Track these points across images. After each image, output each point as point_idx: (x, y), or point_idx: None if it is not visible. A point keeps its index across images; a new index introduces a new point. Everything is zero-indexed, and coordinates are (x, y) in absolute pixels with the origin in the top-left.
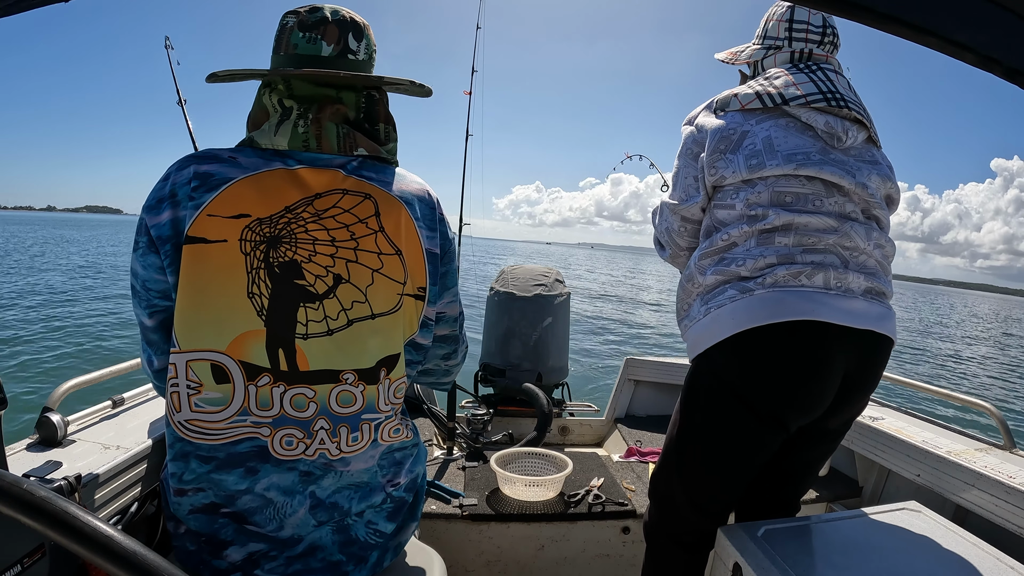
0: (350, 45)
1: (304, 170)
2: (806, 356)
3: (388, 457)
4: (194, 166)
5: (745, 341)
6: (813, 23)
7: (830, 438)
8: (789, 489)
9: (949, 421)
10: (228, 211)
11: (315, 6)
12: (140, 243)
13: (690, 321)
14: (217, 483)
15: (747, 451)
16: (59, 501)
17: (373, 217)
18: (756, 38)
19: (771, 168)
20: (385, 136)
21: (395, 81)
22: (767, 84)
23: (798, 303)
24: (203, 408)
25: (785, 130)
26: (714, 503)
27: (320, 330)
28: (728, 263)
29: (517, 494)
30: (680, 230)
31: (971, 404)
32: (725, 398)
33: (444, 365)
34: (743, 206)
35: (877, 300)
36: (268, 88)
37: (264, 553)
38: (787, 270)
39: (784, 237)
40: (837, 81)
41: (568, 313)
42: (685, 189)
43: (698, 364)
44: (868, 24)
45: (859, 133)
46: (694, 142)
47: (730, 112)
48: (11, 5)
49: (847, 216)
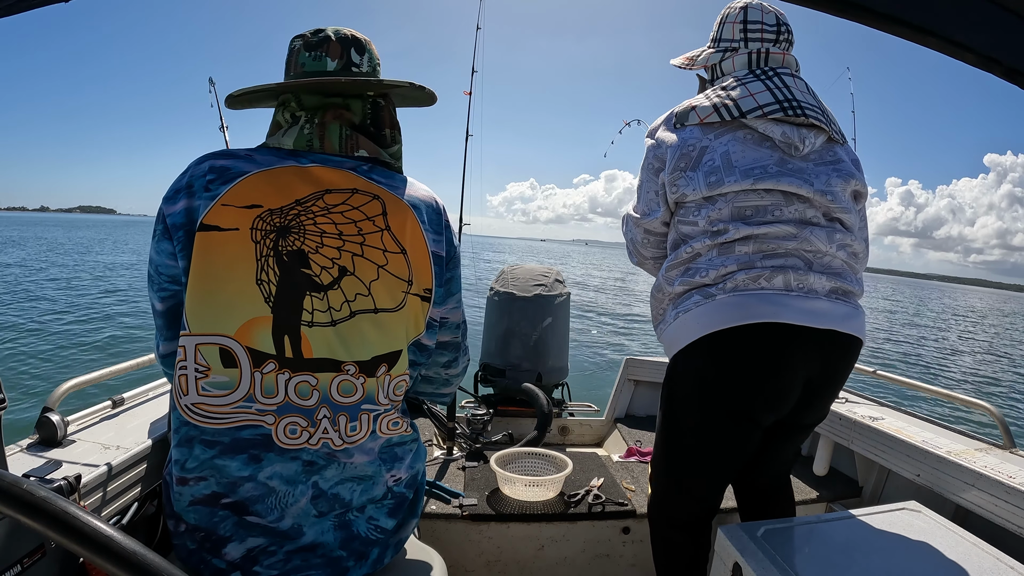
0: (353, 59)
1: (316, 167)
2: (767, 356)
3: (388, 451)
4: (211, 162)
5: (710, 343)
6: (767, 22)
7: (805, 430)
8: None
9: (949, 421)
10: (241, 201)
11: (319, 29)
12: (157, 231)
13: (664, 326)
14: (220, 469)
15: (722, 443)
16: (59, 501)
17: (380, 216)
18: (711, 41)
19: (730, 184)
20: (391, 140)
21: (395, 83)
22: (724, 95)
23: (758, 306)
24: (210, 392)
25: (743, 143)
26: (700, 489)
27: (324, 320)
28: (693, 273)
29: (517, 494)
30: (644, 241)
31: (971, 404)
32: (695, 396)
33: (445, 374)
34: (705, 222)
35: (843, 300)
36: (282, 107)
37: (263, 548)
38: (746, 275)
39: (744, 246)
40: (795, 86)
41: (568, 313)
42: (647, 203)
43: (672, 365)
44: (868, 24)
45: (817, 138)
46: (655, 157)
47: (689, 127)
48: (11, 5)
49: (807, 222)
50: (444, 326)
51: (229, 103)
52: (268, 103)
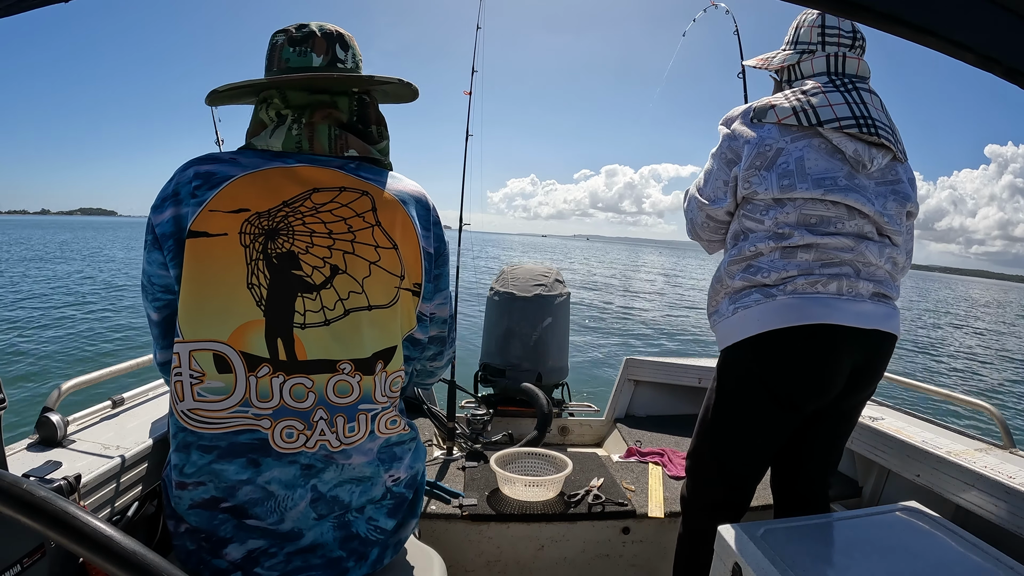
0: (338, 55)
1: (303, 167)
2: (820, 354)
3: (387, 451)
4: (195, 167)
5: (768, 339)
6: (844, 28)
7: (845, 418)
8: (814, 464)
9: (949, 421)
10: (228, 206)
11: (302, 24)
12: (147, 241)
13: (719, 317)
14: (218, 474)
15: (767, 428)
16: (59, 501)
17: (370, 212)
18: (786, 44)
19: (801, 191)
20: (378, 136)
21: (385, 80)
22: (804, 100)
23: (814, 308)
24: (205, 397)
25: (816, 151)
26: (740, 474)
27: (317, 320)
28: (754, 272)
29: (517, 494)
30: (704, 224)
31: (971, 404)
32: (750, 384)
33: (429, 366)
34: (771, 223)
35: (883, 302)
36: (264, 104)
37: (264, 550)
38: (805, 280)
39: (806, 254)
40: (871, 103)
41: (568, 313)
42: (715, 190)
43: (727, 355)
44: (868, 24)
45: (884, 157)
46: (729, 148)
47: (767, 124)
48: (11, 5)
49: (864, 236)
50: (433, 321)
51: (211, 99)
52: (250, 100)
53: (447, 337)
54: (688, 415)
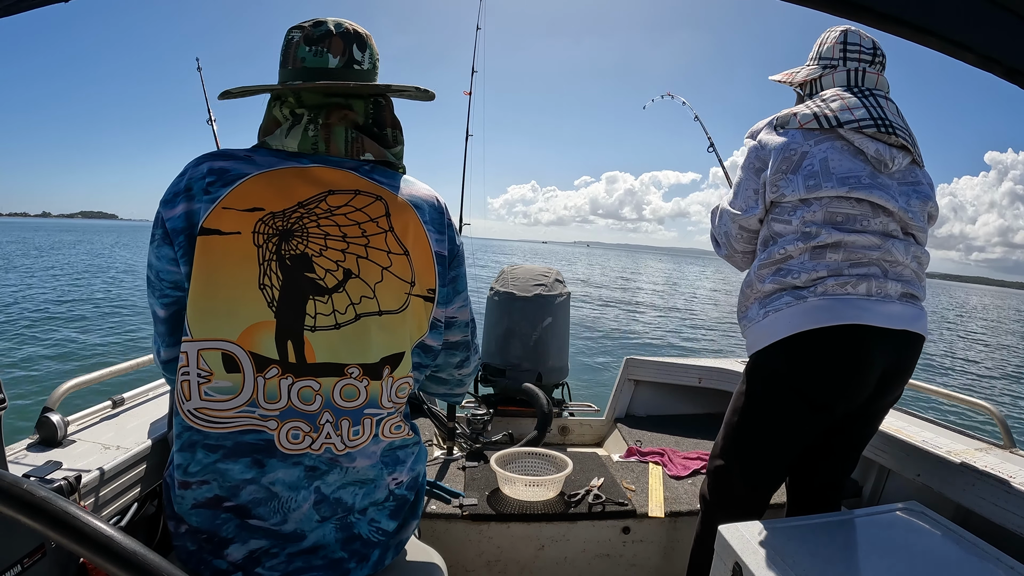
0: (355, 56)
1: (318, 168)
2: (851, 355)
3: (390, 455)
4: (209, 163)
5: (800, 340)
6: (864, 45)
7: (870, 421)
8: (835, 466)
9: (949, 420)
10: (242, 204)
11: (318, 20)
12: (156, 236)
13: (748, 322)
14: (222, 473)
15: (797, 431)
16: (59, 501)
17: (384, 217)
18: (811, 60)
19: (827, 189)
20: (393, 139)
21: (402, 88)
22: (824, 106)
23: (845, 309)
24: (212, 397)
25: (840, 153)
26: (763, 476)
27: (328, 323)
28: (784, 274)
29: (517, 494)
30: (738, 236)
31: (971, 404)
32: (781, 388)
33: (457, 375)
34: (799, 223)
35: (911, 303)
36: (278, 101)
37: (265, 551)
38: (835, 281)
39: (834, 254)
40: (887, 107)
41: (568, 313)
42: (746, 200)
43: (757, 358)
44: (868, 24)
45: (904, 159)
46: (757, 157)
47: (790, 130)
48: (11, 5)
49: (889, 234)
50: (453, 325)
51: (223, 97)
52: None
53: (471, 342)
54: (688, 415)
